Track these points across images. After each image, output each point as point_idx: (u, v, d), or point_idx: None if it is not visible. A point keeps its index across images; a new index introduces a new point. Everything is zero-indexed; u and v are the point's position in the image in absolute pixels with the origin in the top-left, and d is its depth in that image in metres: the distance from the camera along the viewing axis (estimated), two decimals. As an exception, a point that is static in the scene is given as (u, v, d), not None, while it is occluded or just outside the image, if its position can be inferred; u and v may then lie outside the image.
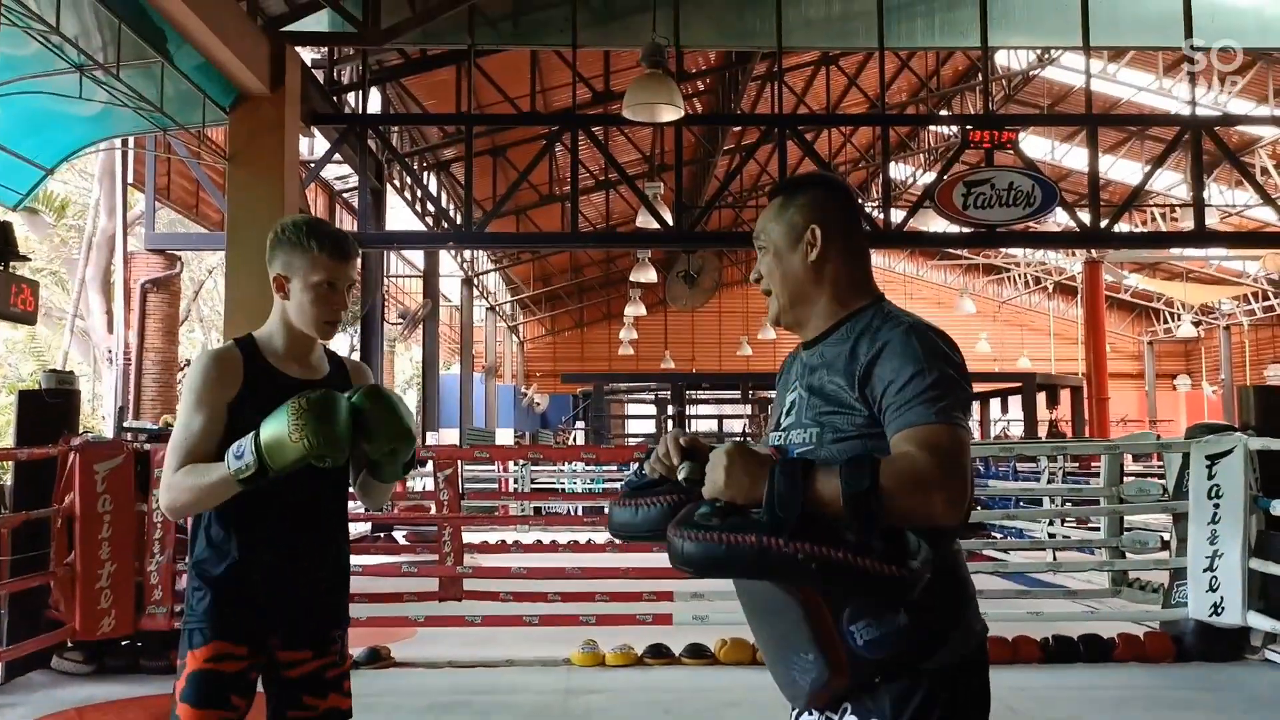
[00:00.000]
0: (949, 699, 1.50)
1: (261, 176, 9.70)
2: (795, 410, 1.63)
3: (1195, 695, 4.75)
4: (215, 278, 21.50)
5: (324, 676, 2.19)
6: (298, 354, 2.18)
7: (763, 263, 1.69)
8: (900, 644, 1.46)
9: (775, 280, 1.68)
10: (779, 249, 1.67)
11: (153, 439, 5.77)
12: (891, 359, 1.51)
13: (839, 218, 1.67)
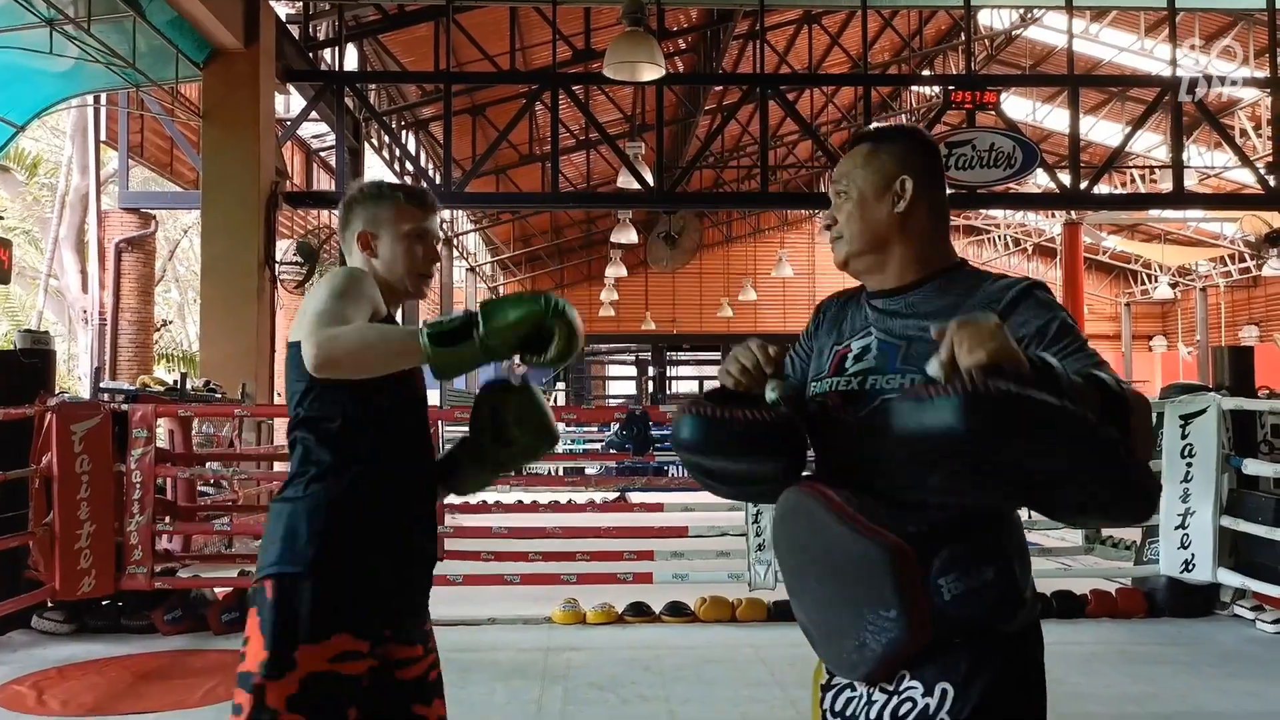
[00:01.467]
0: (1022, 668, 1.44)
1: (236, 134, 9.58)
2: (875, 356, 1.55)
3: (1166, 650, 4.85)
4: (191, 237, 21.26)
5: (429, 679, 1.89)
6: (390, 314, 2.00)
7: (840, 208, 1.65)
8: (986, 601, 1.40)
9: (854, 226, 1.63)
10: (864, 195, 1.63)
11: (130, 399, 5.74)
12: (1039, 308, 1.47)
13: (929, 172, 1.64)
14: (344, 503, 1.76)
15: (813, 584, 1.51)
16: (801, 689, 4.17)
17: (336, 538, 1.73)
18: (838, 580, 1.44)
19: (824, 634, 1.51)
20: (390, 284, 1.96)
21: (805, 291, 31.56)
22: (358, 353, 1.66)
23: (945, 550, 1.40)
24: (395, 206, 1.97)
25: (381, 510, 1.79)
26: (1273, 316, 28.32)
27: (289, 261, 10.45)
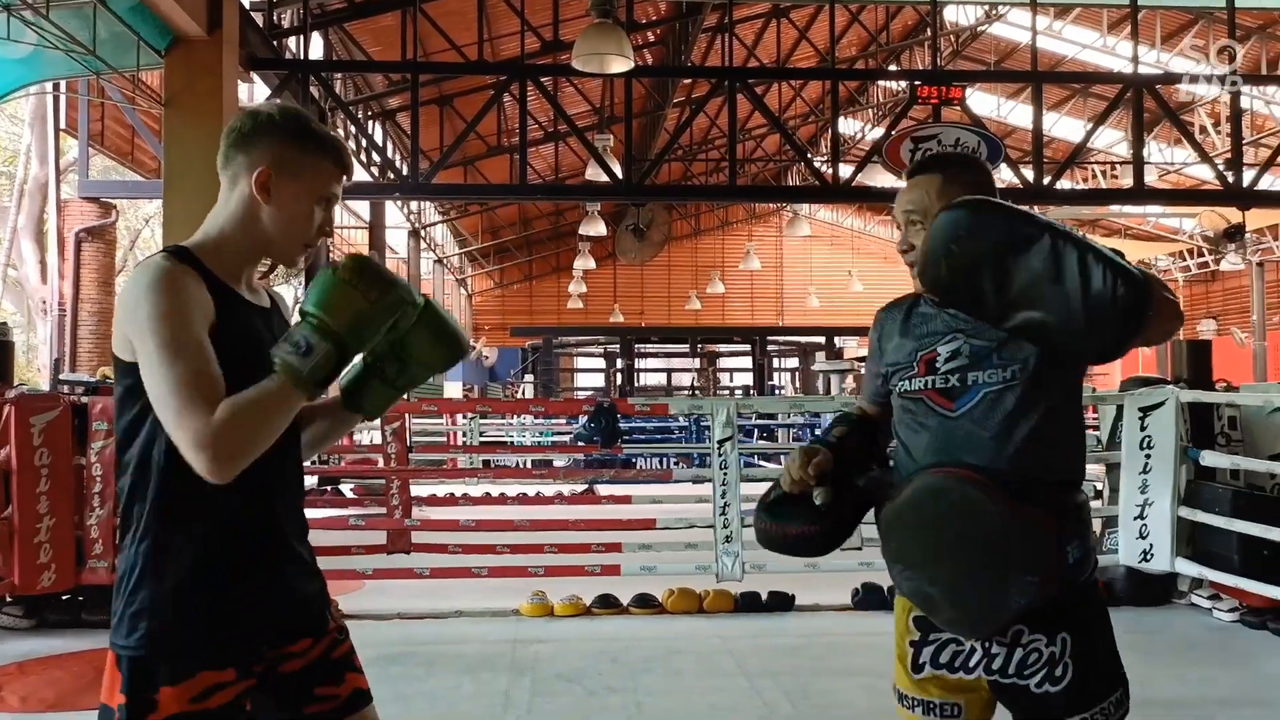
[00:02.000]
0: (1101, 609, 1.85)
1: (199, 123, 9.45)
2: (965, 356, 1.79)
3: (1124, 638, 4.90)
4: (152, 227, 20.99)
5: (331, 657, 1.78)
6: (245, 275, 1.68)
7: (917, 235, 1.85)
8: (1090, 560, 1.79)
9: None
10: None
11: (90, 391, 5.66)
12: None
13: (990, 195, 1.82)
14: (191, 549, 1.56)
15: (956, 559, 1.70)
16: (766, 679, 4.20)
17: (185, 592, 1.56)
18: (983, 551, 1.67)
19: (958, 599, 1.71)
20: (263, 244, 1.66)
21: (773, 284, 31.70)
22: (255, 445, 1.49)
23: (1063, 523, 1.72)
24: (320, 160, 1.65)
25: (237, 542, 1.60)
26: (1230, 310, 28.81)
27: (253, 252, 10.34)
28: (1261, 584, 4.85)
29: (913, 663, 1.85)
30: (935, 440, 1.81)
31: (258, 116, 1.65)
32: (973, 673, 1.79)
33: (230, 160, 1.65)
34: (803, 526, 1.84)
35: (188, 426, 1.44)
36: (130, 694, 1.52)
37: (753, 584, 5.54)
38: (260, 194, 1.62)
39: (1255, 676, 4.28)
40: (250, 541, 1.62)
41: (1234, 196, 12.59)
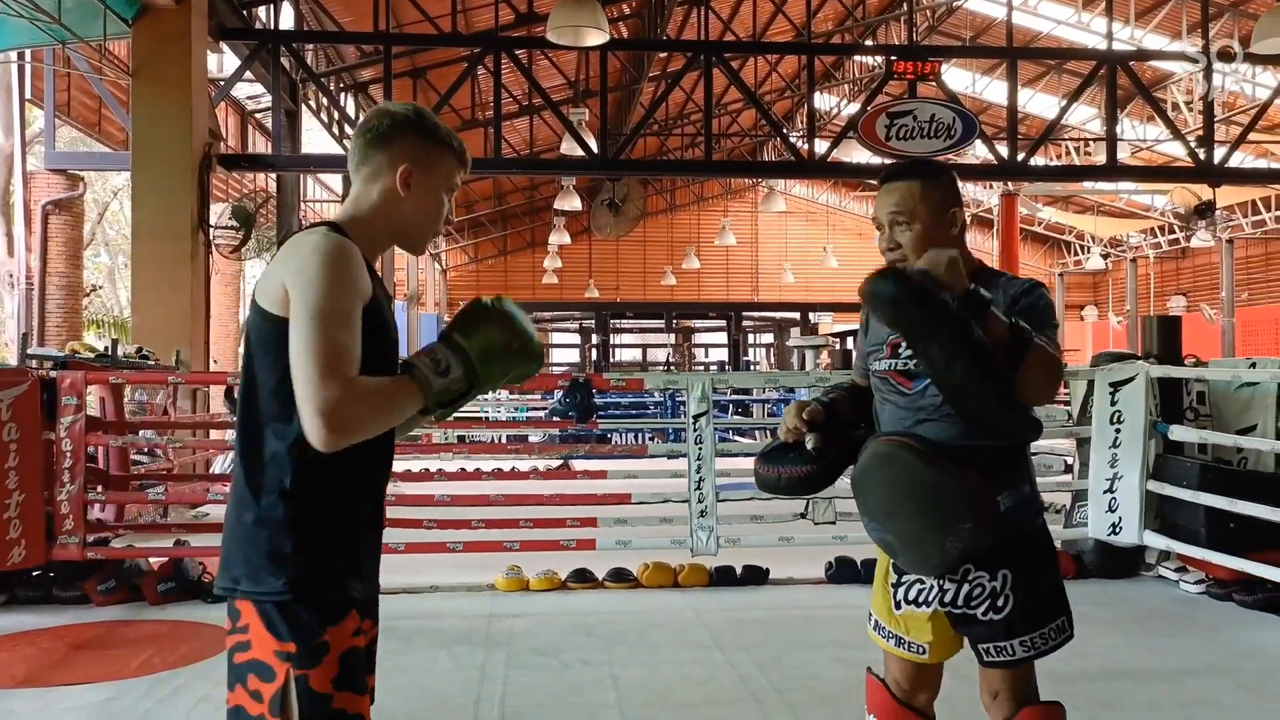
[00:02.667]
0: (1047, 548, 2.14)
1: (167, 93, 9.32)
2: None
3: (1093, 610, 5.00)
4: (121, 199, 20.69)
5: (374, 649, 1.83)
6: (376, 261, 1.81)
7: (903, 234, 2.09)
8: (1025, 508, 2.07)
9: (917, 247, 2.07)
10: (928, 225, 2.09)
11: (59, 366, 5.60)
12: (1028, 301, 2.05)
13: (960, 198, 2.15)
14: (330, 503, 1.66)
15: (903, 510, 1.99)
16: (740, 651, 4.24)
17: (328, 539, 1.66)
18: (927, 506, 1.95)
19: (909, 545, 2.01)
20: (400, 233, 1.79)
21: (748, 260, 31.70)
22: (370, 429, 1.59)
23: (997, 475, 2.00)
24: (454, 156, 1.81)
25: (362, 504, 1.72)
26: (1200, 287, 29.13)
27: (224, 226, 10.22)
28: (1227, 556, 4.93)
29: (895, 602, 2.15)
30: (896, 412, 2.11)
31: (395, 116, 1.78)
32: (930, 605, 2.10)
33: (369, 157, 1.77)
34: (796, 468, 2.12)
35: (317, 392, 1.52)
36: (299, 639, 1.61)
37: (727, 558, 5.57)
38: (402, 188, 1.75)
39: (1220, 646, 4.36)
40: (370, 506, 1.74)
41: (1205, 174, 12.70)
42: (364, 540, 1.73)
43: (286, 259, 1.63)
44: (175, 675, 3.94)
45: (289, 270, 1.61)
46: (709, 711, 3.57)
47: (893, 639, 2.18)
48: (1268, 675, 3.94)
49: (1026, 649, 2.06)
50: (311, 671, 1.60)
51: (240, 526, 1.66)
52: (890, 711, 2.20)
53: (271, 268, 1.66)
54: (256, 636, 1.63)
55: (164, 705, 3.60)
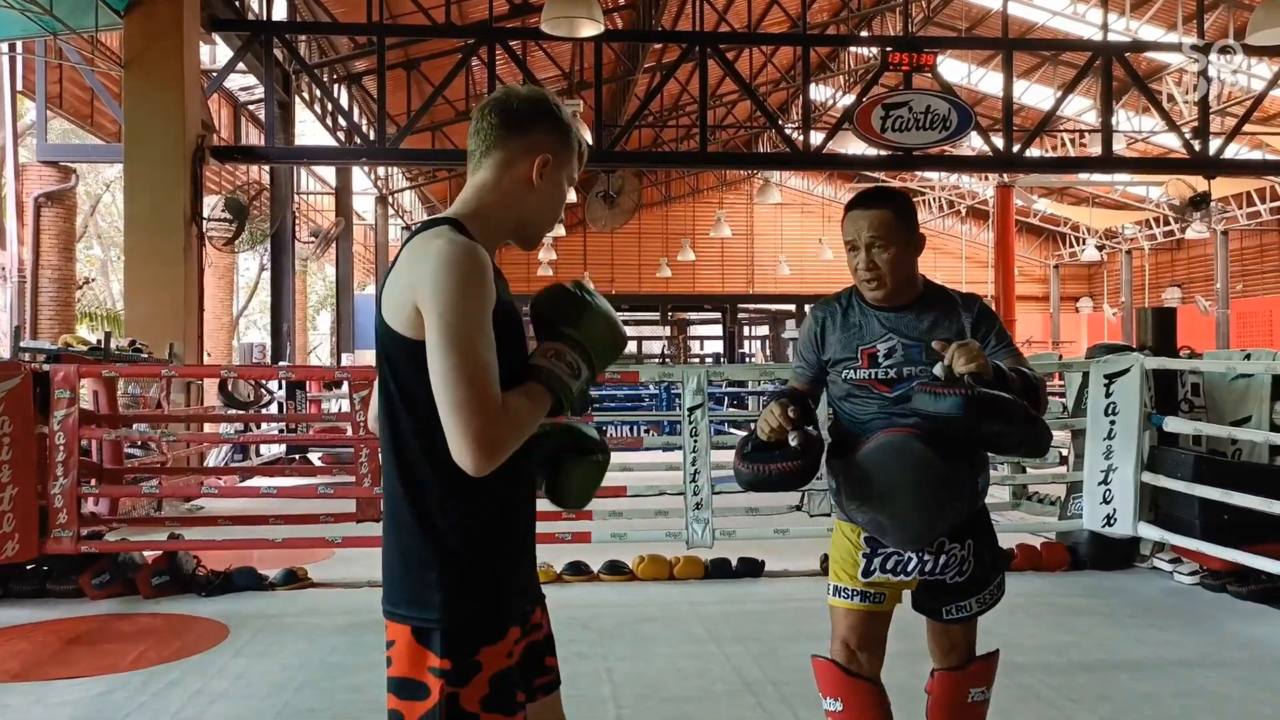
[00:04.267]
0: (987, 517, 2.48)
1: (160, 85, 9.28)
2: (900, 355, 2.33)
3: (1087, 601, 5.01)
4: (114, 191, 20.61)
5: (550, 631, 1.85)
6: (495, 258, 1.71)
7: (880, 258, 2.31)
8: (986, 489, 2.39)
9: (898, 272, 2.33)
10: (902, 249, 2.33)
11: (51, 359, 5.58)
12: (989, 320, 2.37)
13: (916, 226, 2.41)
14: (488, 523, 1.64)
15: (903, 495, 2.22)
16: (736, 644, 4.24)
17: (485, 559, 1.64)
18: (926, 493, 2.21)
19: (900, 527, 2.24)
20: (523, 225, 1.72)
21: (743, 252, 31.70)
22: (515, 446, 1.56)
23: (974, 459, 2.30)
24: (573, 146, 1.74)
25: (513, 514, 1.69)
26: (1195, 278, 29.15)
27: (217, 218, 10.19)
28: (1221, 548, 4.94)
29: (864, 570, 2.37)
30: (881, 414, 2.33)
31: (534, 102, 1.70)
32: (910, 575, 2.35)
33: (503, 141, 1.68)
34: (785, 463, 2.25)
35: (470, 421, 1.48)
36: (455, 658, 1.58)
37: (722, 551, 5.57)
38: (537, 178, 1.68)
39: (1215, 638, 4.37)
40: (520, 514, 1.71)
41: (1200, 165, 12.70)
42: (522, 549, 1.72)
43: (413, 272, 1.55)
44: (170, 669, 3.93)
45: (419, 288, 1.53)
46: (704, 704, 3.57)
47: (856, 596, 2.39)
48: (1262, 666, 3.95)
49: (980, 605, 2.40)
50: (462, 690, 1.59)
51: (397, 550, 1.64)
52: (844, 686, 2.37)
53: (397, 280, 1.58)
54: (410, 654, 1.61)
55: (159, 699, 3.59)
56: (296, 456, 10.86)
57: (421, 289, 1.52)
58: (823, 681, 2.42)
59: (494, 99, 1.71)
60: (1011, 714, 3.39)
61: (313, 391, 12.84)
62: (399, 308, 1.56)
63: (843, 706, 2.37)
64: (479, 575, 1.63)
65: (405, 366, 1.58)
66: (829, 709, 2.41)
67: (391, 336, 1.59)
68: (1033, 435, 2.16)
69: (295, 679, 3.80)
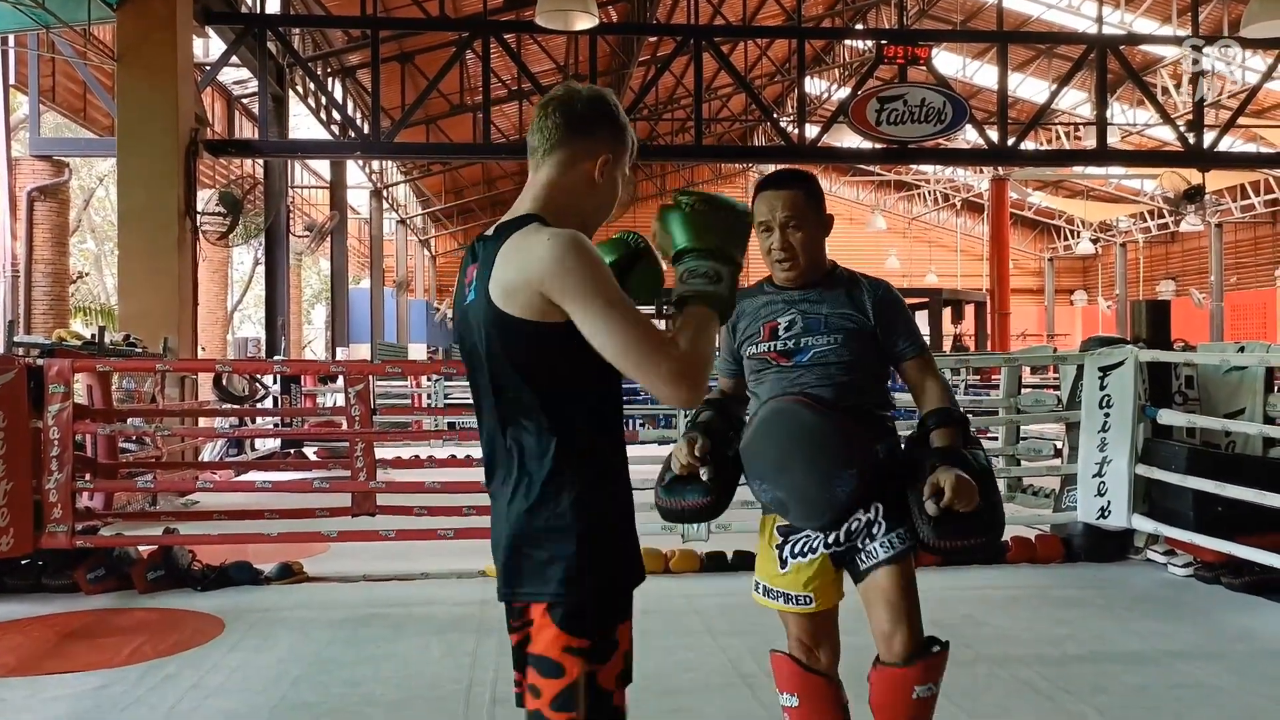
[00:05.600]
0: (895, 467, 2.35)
1: (153, 78, 9.25)
2: (800, 326, 2.34)
3: (1081, 593, 5.03)
4: (107, 185, 20.55)
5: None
6: None
7: (795, 237, 2.34)
8: (893, 453, 2.34)
9: (806, 249, 2.35)
10: (813, 229, 2.36)
11: (45, 354, 5.56)
12: (890, 302, 2.37)
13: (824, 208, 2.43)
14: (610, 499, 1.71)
15: (795, 463, 2.24)
16: (732, 637, 4.25)
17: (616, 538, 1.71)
18: (817, 456, 2.22)
19: (799, 499, 2.26)
20: (585, 222, 1.77)
21: (738, 245, 31.66)
22: (708, 373, 1.66)
23: (873, 428, 2.31)
24: (629, 144, 1.80)
25: (628, 490, 1.77)
26: (1189, 271, 29.20)
27: (211, 212, 10.17)
28: (1215, 539, 4.95)
29: (780, 561, 2.38)
30: (776, 385, 2.34)
31: (596, 103, 1.76)
32: (816, 553, 2.33)
33: (568, 140, 1.73)
34: (697, 499, 2.33)
35: (665, 365, 1.58)
36: (594, 637, 1.65)
37: (718, 544, 5.58)
38: (599, 176, 1.75)
39: (1208, 629, 4.39)
40: (628, 488, 1.78)
41: (1195, 158, 12.71)
42: (634, 528, 1.77)
43: (529, 265, 1.60)
44: (166, 663, 3.93)
45: (547, 278, 1.58)
46: (700, 696, 3.57)
47: (781, 597, 2.38)
48: (1255, 657, 3.96)
49: (901, 540, 2.28)
50: (601, 668, 1.64)
51: (529, 529, 1.66)
52: (799, 681, 2.38)
53: (507, 275, 1.62)
54: (545, 633, 1.64)
55: (154, 693, 3.59)
56: (291, 451, 10.85)
57: (552, 278, 1.58)
58: (780, 677, 2.43)
59: (557, 99, 1.76)
60: (1006, 706, 3.40)
61: (308, 386, 12.84)
62: (515, 294, 1.61)
63: (799, 701, 2.38)
64: (615, 553, 1.70)
65: (533, 351, 1.64)
66: (786, 704, 2.42)
67: (514, 323, 1.62)
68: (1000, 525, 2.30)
69: (291, 673, 3.80)
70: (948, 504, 2.14)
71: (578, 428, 1.66)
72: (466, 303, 1.72)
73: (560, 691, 1.62)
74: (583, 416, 1.67)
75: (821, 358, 2.30)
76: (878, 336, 2.34)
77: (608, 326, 1.58)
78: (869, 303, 2.34)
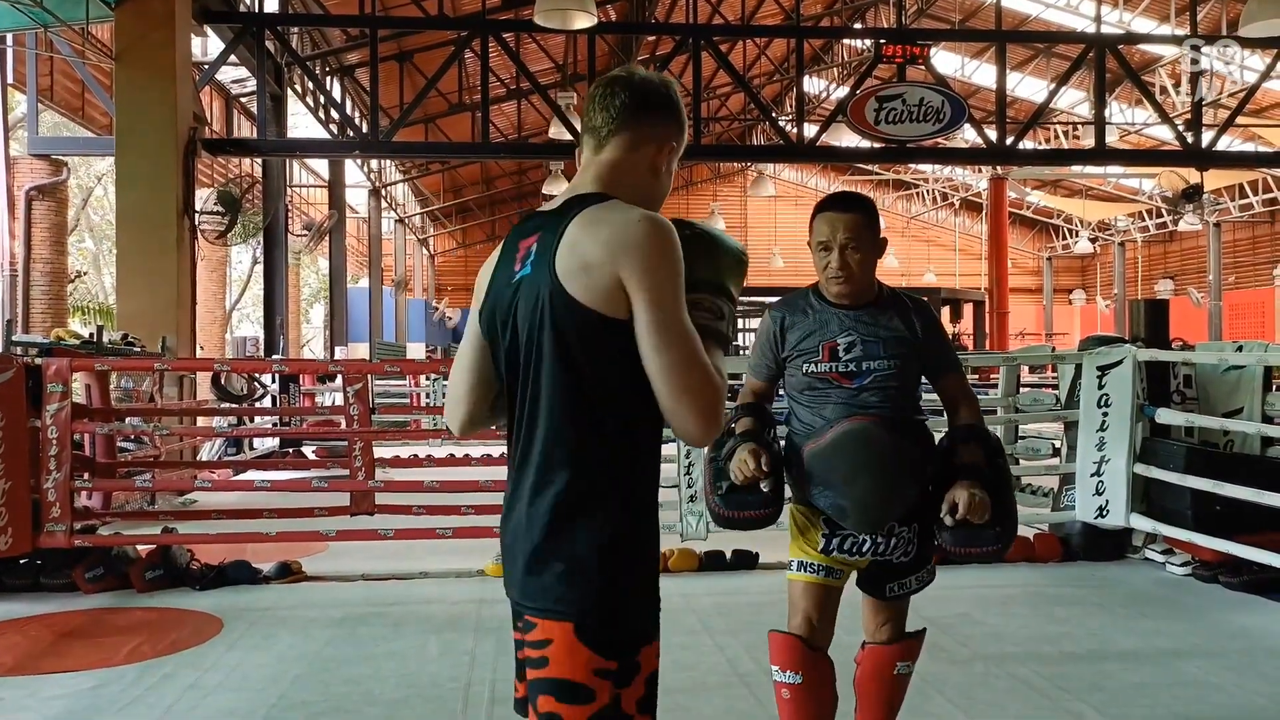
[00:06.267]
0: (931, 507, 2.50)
1: (151, 77, 9.24)
2: (860, 347, 2.48)
3: (1079, 592, 5.03)
4: (105, 184, 20.54)
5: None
6: None
7: (853, 258, 2.48)
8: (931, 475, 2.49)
9: (862, 268, 2.49)
10: (869, 251, 2.50)
11: (44, 353, 5.56)
12: (936, 324, 2.60)
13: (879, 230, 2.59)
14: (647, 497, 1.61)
15: (863, 477, 2.36)
16: (729, 636, 4.25)
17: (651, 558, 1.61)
18: (889, 472, 2.37)
19: (861, 508, 2.36)
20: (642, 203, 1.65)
21: (737, 244, 31.66)
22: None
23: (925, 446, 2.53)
24: (684, 134, 1.73)
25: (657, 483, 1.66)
26: (1187, 270, 29.21)
27: (209, 211, 10.16)
28: (1213, 538, 4.96)
29: (824, 548, 2.52)
30: (841, 404, 2.48)
31: (663, 92, 1.67)
32: (865, 555, 2.50)
33: (633, 124, 1.64)
34: (759, 510, 2.49)
35: (708, 398, 1.49)
36: (620, 659, 1.53)
37: (717, 543, 5.58)
38: (661, 163, 1.67)
39: (1206, 628, 4.39)
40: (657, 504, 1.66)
41: (1193, 157, 12.72)
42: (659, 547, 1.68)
43: (609, 245, 1.48)
44: (164, 662, 3.93)
45: (623, 264, 1.47)
46: (698, 696, 3.57)
47: (821, 571, 2.53)
48: (1253, 656, 3.97)
49: (918, 583, 2.58)
50: (623, 692, 1.53)
51: (554, 539, 1.54)
52: (804, 658, 2.51)
53: (584, 248, 1.50)
54: (572, 654, 1.52)
55: (153, 693, 3.59)
56: (290, 450, 10.85)
57: (634, 260, 1.47)
58: (783, 656, 2.52)
59: (623, 79, 1.67)
60: (1003, 704, 3.41)
61: (306, 385, 12.84)
62: (589, 271, 1.49)
63: (803, 679, 2.49)
64: (643, 569, 1.58)
65: (596, 346, 1.51)
66: (787, 681, 2.52)
67: (574, 306, 1.50)
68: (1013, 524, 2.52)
69: (290, 672, 3.80)
70: (962, 518, 2.34)
71: (621, 432, 1.55)
72: (518, 277, 1.57)
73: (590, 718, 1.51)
74: (628, 421, 1.55)
75: (882, 381, 2.47)
76: (923, 354, 2.53)
77: (669, 335, 1.47)
78: (918, 324, 2.53)
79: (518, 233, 1.65)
